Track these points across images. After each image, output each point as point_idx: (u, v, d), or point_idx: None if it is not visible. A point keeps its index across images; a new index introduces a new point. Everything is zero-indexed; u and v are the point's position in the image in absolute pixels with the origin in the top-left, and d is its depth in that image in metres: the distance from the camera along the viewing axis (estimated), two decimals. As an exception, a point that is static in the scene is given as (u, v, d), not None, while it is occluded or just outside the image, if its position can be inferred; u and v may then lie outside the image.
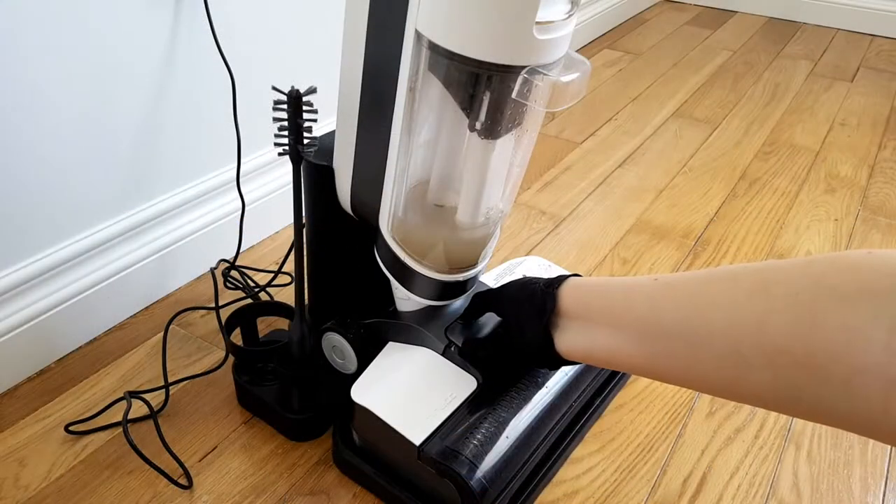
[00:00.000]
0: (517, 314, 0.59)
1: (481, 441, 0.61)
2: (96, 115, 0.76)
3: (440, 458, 0.59)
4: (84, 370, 0.81)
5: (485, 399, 0.65)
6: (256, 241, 1.04)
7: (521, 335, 0.58)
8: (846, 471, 0.73)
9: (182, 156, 0.89)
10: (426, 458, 0.59)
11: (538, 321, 0.56)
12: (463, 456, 0.59)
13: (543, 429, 0.69)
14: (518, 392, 0.66)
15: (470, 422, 0.62)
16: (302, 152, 0.59)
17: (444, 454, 0.59)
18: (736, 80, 1.72)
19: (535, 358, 0.59)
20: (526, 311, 0.58)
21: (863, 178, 1.30)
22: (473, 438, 0.61)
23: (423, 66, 0.51)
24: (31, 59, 0.68)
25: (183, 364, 0.82)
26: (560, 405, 0.71)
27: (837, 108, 1.59)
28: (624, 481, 0.71)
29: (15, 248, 0.74)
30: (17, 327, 0.76)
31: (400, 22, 0.50)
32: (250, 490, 0.68)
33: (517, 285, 0.61)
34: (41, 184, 0.74)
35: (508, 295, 0.61)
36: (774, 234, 1.13)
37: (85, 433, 0.73)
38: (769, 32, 2.09)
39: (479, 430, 0.61)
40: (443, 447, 0.60)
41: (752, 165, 1.33)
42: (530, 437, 0.66)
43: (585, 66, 0.50)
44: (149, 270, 0.88)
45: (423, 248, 0.63)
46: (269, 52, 0.94)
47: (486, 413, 0.63)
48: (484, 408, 0.64)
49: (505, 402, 0.64)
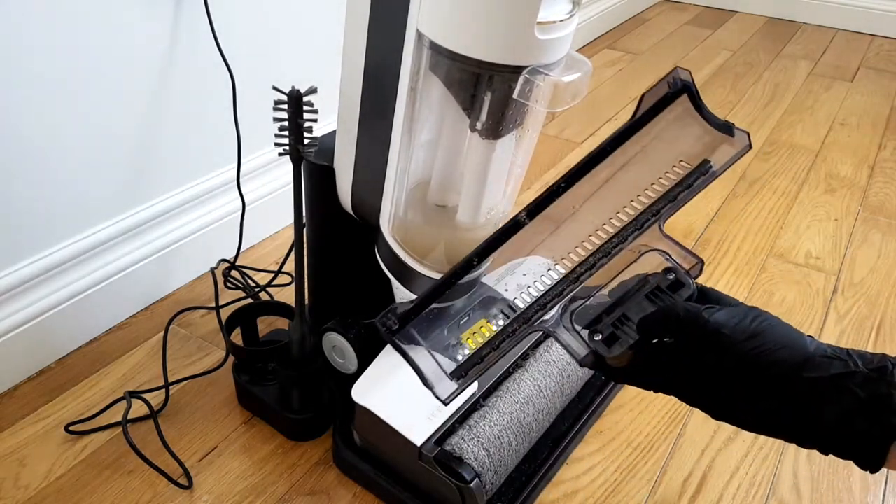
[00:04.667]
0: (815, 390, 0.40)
1: (482, 441, 0.61)
2: (96, 115, 0.76)
3: (441, 459, 0.59)
4: (84, 370, 0.81)
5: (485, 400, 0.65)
6: (257, 241, 1.04)
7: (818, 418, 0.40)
8: (846, 471, 0.73)
9: (182, 155, 0.89)
10: (427, 459, 0.59)
11: (869, 421, 0.39)
12: (463, 456, 0.59)
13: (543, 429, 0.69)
14: (518, 392, 0.66)
15: (470, 422, 0.62)
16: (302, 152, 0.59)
17: (445, 454, 0.59)
18: (736, 80, 1.72)
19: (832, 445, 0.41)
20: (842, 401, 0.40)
21: (863, 178, 1.30)
22: (474, 439, 0.61)
23: (424, 66, 0.51)
24: (30, 59, 0.68)
25: (183, 364, 0.82)
26: (560, 405, 0.71)
27: (837, 108, 1.59)
28: (624, 481, 0.71)
29: (15, 248, 0.74)
30: (17, 327, 0.76)
31: (401, 22, 0.50)
32: (250, 490, 0.68)
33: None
34: (41, 183, 0.73)
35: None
36: (774, 234, 1.13)
37: (85, 433, 0.73)
38: (769, 32, 2.08)
39: (479, 431, 0.61)
40: (443, 448, 0.60)
41: (752, 165, 1.33)
42: (530, 437, 0.66)
43: (586, 65, 0.50)
44: (149, 270, 0.88)
45: (424, 249, 0.62)
46: (270, 52, 0.94)
47: (487, 413, 0.63)
48: (484, 408, 0.64)
49: (505, 402, 0.64)
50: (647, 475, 0.72)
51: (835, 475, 0.73)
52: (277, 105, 0.57)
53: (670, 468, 0.73)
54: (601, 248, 0.50)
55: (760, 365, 0.40)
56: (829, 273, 1.04)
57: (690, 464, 0.73)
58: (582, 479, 0.71)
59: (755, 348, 0.41)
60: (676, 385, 0.44)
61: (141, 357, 0.83)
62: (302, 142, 0.59)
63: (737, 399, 0.42)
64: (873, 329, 0.93)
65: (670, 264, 0.48)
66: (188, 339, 0.86)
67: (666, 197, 0.50)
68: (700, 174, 0.50)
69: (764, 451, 0.75)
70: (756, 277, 1.02)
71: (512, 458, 0.64)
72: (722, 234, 1.12)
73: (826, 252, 1.09)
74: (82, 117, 0.74)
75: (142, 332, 0.86)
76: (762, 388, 0.41)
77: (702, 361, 0.42)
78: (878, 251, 1.10)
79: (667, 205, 0.50)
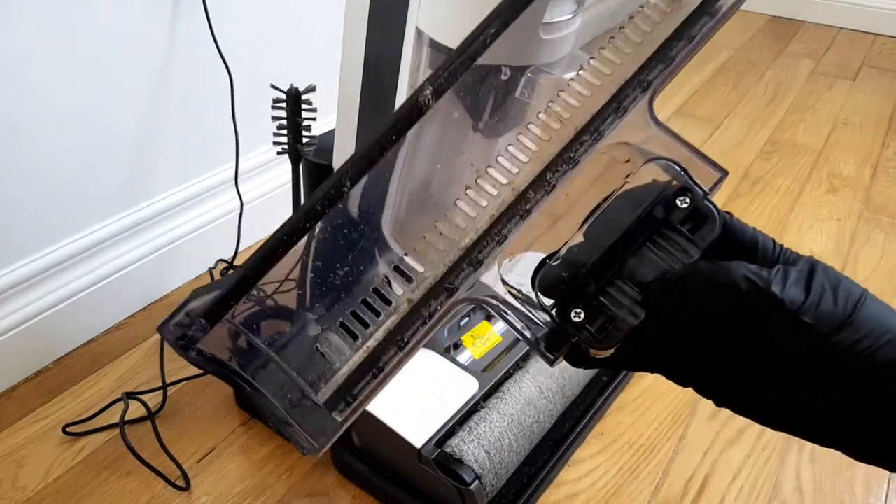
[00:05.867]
0: None
1: (482, 443, 0.60)
2: (94, 114, 0.75)
3: (441, 461, 0.58)
4: (82, 371, 0.80)
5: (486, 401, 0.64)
6: (255, 241, 1.04)
7: None
8: (849, 472, 0.73)
9: (180, 154, 0.88)
10: (426, 461, 0.59)
11: None
12: (463, 458, 0.59)
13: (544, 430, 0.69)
14: (519, 394, 0.65)
15: (470, 424, 0.62)
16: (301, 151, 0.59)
17: (445, 456, 0.59)
18: (738, 79, 1.71)
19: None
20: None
21: (866, 178, 1.30)
22: (474, 440, 0.60)
23: (424, 63, 0.51)
24: (29, 59, 0.67)
25: (181, 365, 0.82)
26: (561, 406, 0.71)
27: (840, 107, 1.58)
28: (626, 483, 0.71)
29: (13, 248, 0.74)
30: (14, 327, 0.75)
31: (400, 19, 0.49)
32: (249, 492, 0.67)
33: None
34: (38, 182, 0.73)
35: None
36: (777, 233, 1.12)
37: (83, 434, 0.72)
38: (771, 31, 2.08)
39: (479, 432, 0.61)
40: (443, 449, 0.59)
41: (755, 165, 1.33)
42: (531, 438, 0.66)
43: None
44: (147, 270, 0.88)
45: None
46: (268, 50, 0.93)
47: (487, 415, 0.63)
48: (485, 410, 0.63)
49: (506, 403, 0.64)
50: (649, 477, 0.71)
51: (837, 476, 0.72)
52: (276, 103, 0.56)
53: (672, 470, 0.72)
54: (561, 153, 0.30)
55: (856, 366, 0.28)
56: (832, 273, 1.03)
57: (693, 465, 0.73)
58: (583, 481, 0.70)
59: (851, 346, 0.28)
60: (695, 375, 0.31)
61: (139, 358, 0.82)
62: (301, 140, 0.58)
63: (798, 398, 0.30)
64: (876, 330, 0.92)
65: (679, 181, 0.30)
66: (187, 340, 0.85)
67: (658, 56, 0.32)
68: (705, 13, 0.33)
69: (766, 452, 0.74)
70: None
71: (513, 459, 0.63)
72: (724, 233, 1.12)
73: (829, 252, 1.08)
74: (80, 116, 0.74)
75: (140, 333, 0.86)
76: (846, 389, 0.29)
77: (760, 353, 0.29)
78: (881, 251, 1.09)
79: (657, 67, 0.32)
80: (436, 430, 0.60)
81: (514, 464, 0.64)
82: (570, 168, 0.30)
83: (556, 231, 0.30)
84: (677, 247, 0.29)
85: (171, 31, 0.80)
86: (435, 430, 0.60)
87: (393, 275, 0.30)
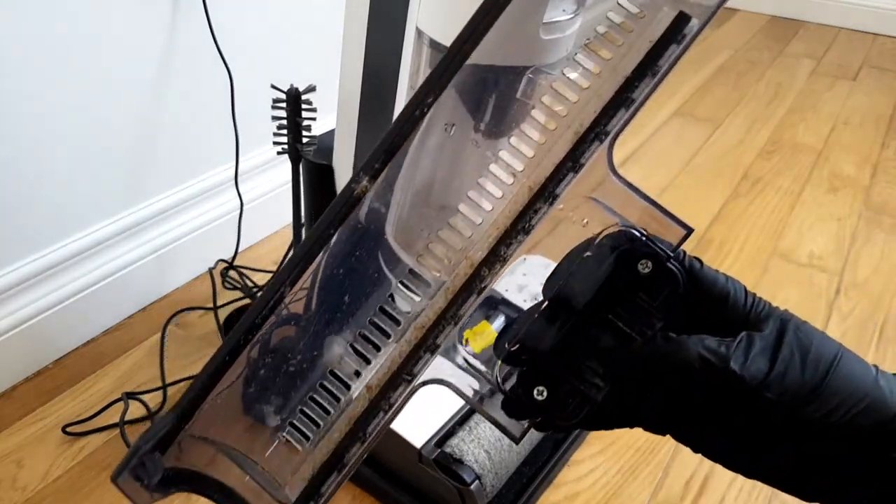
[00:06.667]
0: None
1: (482, 443, 0.60)
2: (93, 114, 0.75)
3: (441, 461, 0.58)
4: (82, 371, 0.80)
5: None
6: (255, 241, 1.04)
7: None
8: (850, 473, 0.73)
9: (180, 154, 0.88)
10: (427, 461, 0.59)
11: None
12: (463, 458, 0.59)
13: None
14: (519, 394, 0.65)
15: (471, 424, 0.62)
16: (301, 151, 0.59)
17: (445, 456, 0.59)
18: (738, 79, 1.71)
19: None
20: None
21: (866, 178, 1.30)
22: (474, 440, 0.60)
23: (424, 64, 0.51)
24: (28, 59, 0.67)
25: (181, 365, 0.81)
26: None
27: (840, 107, 1.58)
28: (625, 483, 0.71)
29: (12, 248, 0.74)
30: (14, 327, 0.75)
31: (400, 19, 0.49)
32: (249, 492, 0.67)
33: None
34: (38, 182, 0.73)
35: None
36: (777, 234, 1.12)
37: (83, 434, 0.72)
38: (771, 31, 2.08)
39: (479, 433, 0.61)
40: (443, 449, 0.59)
41: (755, 165, 1.33)
42: (531, 438, 0.66)
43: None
44: (147, 270, 0.88)
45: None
46: (268, 50, 0.93)
47: (487, 415, 0.63)
48: (485, 410, 0.63)
49: (506, 403, 0.64)
50: (649, 477, 0.71)
51: (838, 477, 0.72)
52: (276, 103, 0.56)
53: (672, 470, 0.72)
54: (514, 223, 0.28)
55: (829, 435, 0.27)
56: (832, 273, 1.03)
57: (692, 466, 0.73)
58: (583, 482, 0.70)
59: (823, 416, 0.27)
60: (665, 431, 0.31)
61: (139, 358, 0.82)
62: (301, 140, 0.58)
63: (764, 463, 0.30)
64: (876, 330, 0.92)
65: (639, 248, 0.29)
66: (186, 340, 0.85)
67: (618, 99, 0.27)
68: (671, 38, 0.27)
69: (767, 453, 0.74)
70: (759, 278, 1.02)
71: (513, 459, 0.63)
72: (724, 233, 1.12)
73: (829, 252, 1.08)
74: (80, 116, 0.74)
75: (139, 333, 0.86)
76: (823, 444, 0.28)
77: (722, 423, 0.29)
78: (882, 251, 1.09)
79: (617, 113, 0.27)
80: (436, 430, 0.60)
81: (514, 464, 0.64)
82: (525, 236, 0.29)
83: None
84: (640, 316, 0.29)
85: (171, 30, 0.80)
86: (435, 430, 0.60)
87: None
